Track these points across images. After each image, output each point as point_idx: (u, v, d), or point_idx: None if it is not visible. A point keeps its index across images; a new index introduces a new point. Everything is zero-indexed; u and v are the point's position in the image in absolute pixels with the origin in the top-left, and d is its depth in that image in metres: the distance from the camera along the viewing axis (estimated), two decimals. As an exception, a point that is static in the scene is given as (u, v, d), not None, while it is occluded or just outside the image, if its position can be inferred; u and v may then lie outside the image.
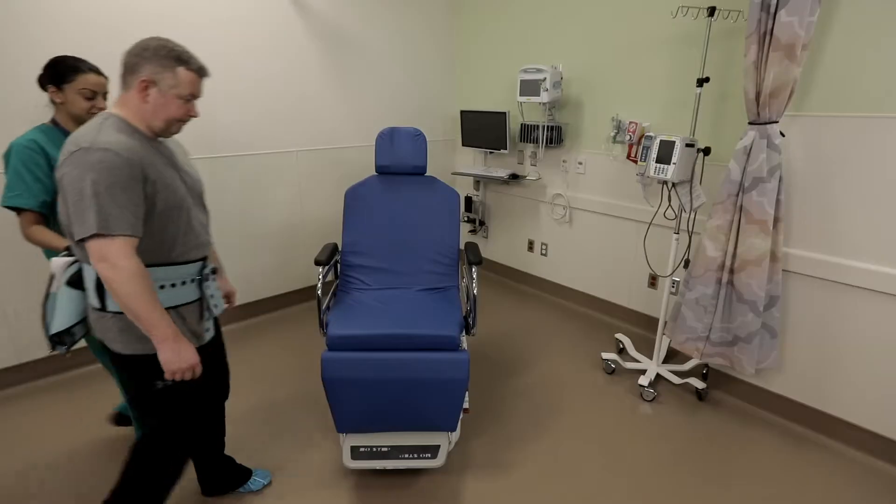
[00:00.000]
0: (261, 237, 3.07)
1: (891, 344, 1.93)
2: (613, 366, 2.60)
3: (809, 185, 2.04)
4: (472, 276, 2.02)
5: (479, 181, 3.83)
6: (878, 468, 1.97)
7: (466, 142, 3.68)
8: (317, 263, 2.03)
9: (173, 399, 1.35)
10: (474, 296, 1.98)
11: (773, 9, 1.80)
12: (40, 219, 1.56)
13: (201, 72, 1.28)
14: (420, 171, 2.35)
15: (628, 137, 2.70)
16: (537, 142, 3.15)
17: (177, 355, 1.23)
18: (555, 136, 3.10)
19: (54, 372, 2.51)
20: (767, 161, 1.94)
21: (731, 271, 2.11)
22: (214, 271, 1.43)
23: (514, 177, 3.40)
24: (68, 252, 1.31)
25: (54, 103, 1.62)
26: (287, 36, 2.92)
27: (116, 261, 1.12)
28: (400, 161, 2.31)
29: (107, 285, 1.15)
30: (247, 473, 1.81)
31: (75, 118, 1.62)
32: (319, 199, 3.28)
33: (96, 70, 1.65)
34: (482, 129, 3.50)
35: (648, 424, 2.21)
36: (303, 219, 3.24)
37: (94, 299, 1.25)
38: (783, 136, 1.97)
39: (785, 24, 1.78)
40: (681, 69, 2.50)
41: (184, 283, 1.32)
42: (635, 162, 2.69)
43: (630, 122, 2.69)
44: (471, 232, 4.01)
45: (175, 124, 1.29)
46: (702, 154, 2.20)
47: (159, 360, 1.23)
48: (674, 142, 2.14)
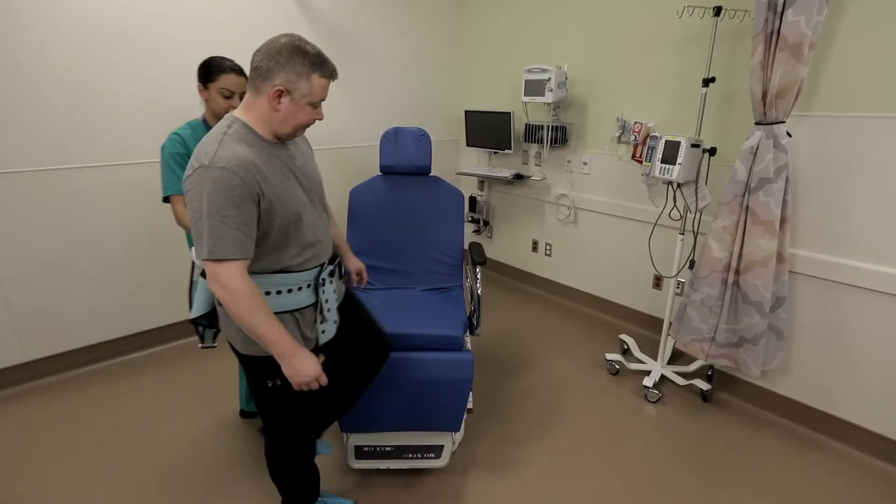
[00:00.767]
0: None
1: (898, 346, 1.91)
2: (618, 367, 2.60)
3: (816, 186, 2.02)
4: (476, 277, 2.02)
5: (483, 181, 3.82)
6: (884, 471, 1.96)
7: (471, 142, 3.68)
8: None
9: (286, 398, 1.35)
10: (478, 296, 1.98)
11: (780, 8, 1.79)
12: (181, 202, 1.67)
13: (333, 75, 1.24)
14: (424, 172, 2.35)
15: (633, 138, 2.69)
16: (542, 142, 3.14)
17: (296, 370, 1.23)
18: (559, 137, 3.09)
19: (66, 369, 2.54)
20: (774, 161, 1.93)
21: (737, 272, 2.10)
22: (332, 273, 1.43)
23: (518, 177, 3.39)
24: None
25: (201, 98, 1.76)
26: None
27: (227, 284, 1.14)
28: (404, 161, 2.31)
29: (223, 304, 1.18)
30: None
31: (216, 115, 1.73)
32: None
33: (238, 70, 1.74)
34: (486, 130, 3.50)
35: (653, 426, 2.21)
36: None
37: (215, 298, 1.31)
38: (790, 136, 1.96)
39: (792, 23, 1.77)
40: (686, 69, 2.49)
41: (300, 288, 1.33)
42: (640, 162, 2.68)
43: (635, 123, 2.68)
44: (475, 232, 4.01)
45: (301, 129, 1.29)
46: (707, 154, 2.19)
47: (284, 374, 1.25)
48: (679, 142, 2.13)
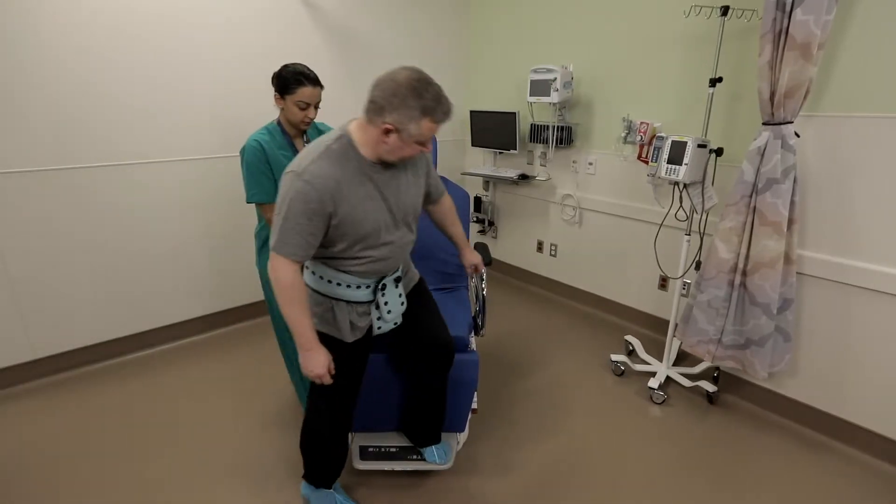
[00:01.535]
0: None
1: (908, 348, 1.89)
2: (623, 368, 2.58)
3: (825, 187, 2.01)
4: (481, 277, 2.01)
5: (488, 181, 3.82)
6: (892, 474, 1.94)
7: (476, 142, 3.67)
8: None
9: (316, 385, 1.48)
10: (483, 297, 1.97)
11: (788, 7, 1.78)
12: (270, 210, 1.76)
13: (445, 118, 1.30)
14: (429, 172, 2.34)
15: (639, 138, 2.68)
16: (547, 142, 3.13)
17: (306, 363, 1.38)
18: (565, 137, 3.08)
19: (70, 367, 2.55)
20: (782, 162, 1.91)
21: (744, 273, 2.09)
22: (398, 280, 1.54)
23: (523, 177, 3.38)
24: None
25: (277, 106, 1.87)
26: (298, 36, 2.93)
27: (277, 274, 1.31)
28: (409, 161, 2.30)
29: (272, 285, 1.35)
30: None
31: (291, 123, 1.87)
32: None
33: (314, 81, 1.84)
34: (492, 130, 3.50)
35: (658, 427, 2.20)
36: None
37: None
38: (798, 136, 1.94)
39: (800, 22, 1.75)
40: (693, 69, 2.48)
41: (357, 287, 1.46)
42: (646, 163, 2.67)
43: (641, 123, 2.67)
44: (480, 232, 4.00)
45: (407, 160, 1.39)
46: (714, 155, 2.18)
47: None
48: (686, 142, 2.12)
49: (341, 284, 1.44)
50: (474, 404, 2.00)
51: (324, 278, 1.44)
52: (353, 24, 3.14)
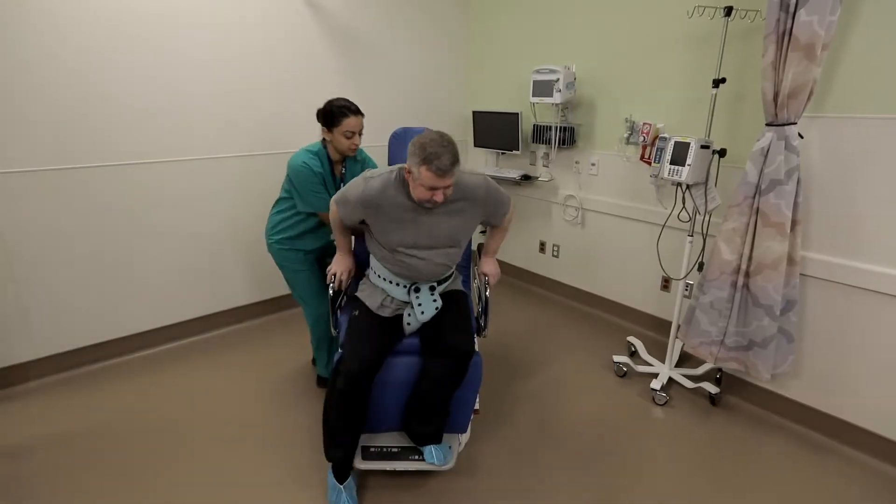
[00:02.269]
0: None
1: (912, 350, 1.89)
2: (625, 369, 2.58)
3: (828, 188, 2.00)
4: (483, 278, 2.01)
5: (490, 182, 3.81)
6: (895, 477, 1.93)
7: (478, 142, 3.67)
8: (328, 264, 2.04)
9: (357, 325, 1.77)
10: (486, 297, 1.97)
11: (792, 8, 1.77)
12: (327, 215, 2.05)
13: (440, 172, 1.54)
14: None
15: (642, 139, 2.68)
16: (550, 143, 3.13)
17: (335, 262, 1.93)
18: (567, 137, 3.08)
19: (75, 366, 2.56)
20: (785, 163, 1.90)
21: (747, 275, 2.08)
22: (433, 289, 1.81)
23: (526, 178, 3.38)
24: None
25: (324, 138, 2.10)
26: (301, 37, 2.94)
27: (333, 215, 1.85)
28: (412, 161, 2.31)
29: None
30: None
31: (338, 151, 2.10)
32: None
33: (357, 112, 2.06)
34: (494, 130, 3.49)
35: (660, 429, 2.19)
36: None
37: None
38: (802, 137, 1.93)
39: (804, 23, 1.75)
40: (696, 70, 2.48)
41: (396, 284, 1.81)
42: (649, 163, 2.67)
43: (644, 124, 2.66)
44: (482, 233, 3.99)
45: (425, 203, 1.63)
46: (717, 156, 2.18)
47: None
48: (689, 143, 2.12)
49: (384, 279, 1.84)
50: (476, 405, 2.00)
51: (375, 272, 1.88)
52: (355, 24, 3.14)
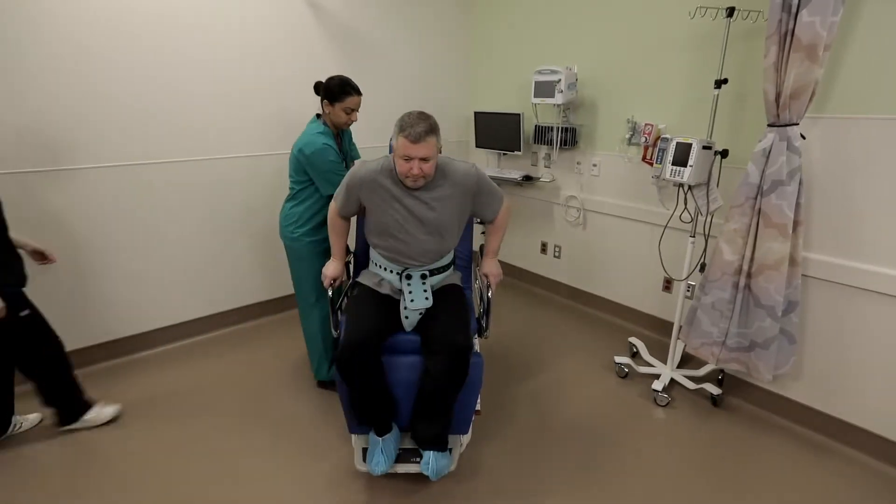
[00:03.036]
0: (275, 236, 3.10)
1: (914, 352, 1.88)
2: (627, 370, 2.58)
3: (830, 189, 2.00)
4: (485, 279, 2.01)
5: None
6: (899, 479, 1.93)
7: (480, 143, 3.67)
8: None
9: (354, 306, 1.85)
10: (487, 298, 1.97)
11: (794, 9, 1.77)
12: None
13: (413, 138, 1.61)
14: (433, 173, 2.35)
15: (644, 139, 2.67)
16: (551, 143, 3.13)
17: (327, 266, 1.98)
18: (569, 138, 3.08)
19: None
20: (787, 164, 1.90)
21: (749, 275, 2.08)
22: (424, 277, 1.84)
23: (527, 178, 3.38)
24: None
25: (323, 111, 2.17)
26: (301, 37, 2.94)
27: (330, 212, 1.96)
28: (413, 162, 2.31)
29: None
30: None
31: (335, 125, 2.18)
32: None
33: (358, 91, 2.15)
34: (496, 131, 3.49)
35: (661, 430, 2.19)
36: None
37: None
38: (804, 138, 1.93)
39: (806, 24, 1.75)
40: (698, 70, 2.47)
41: (389, 270, 1.88)
42: (651, 164, 2.66)
43: (646, 124, 2.66)
44: (484, 234, 3.99)
45: (407, 179, 1.69)
46: (719, 156, 2.17)
47: None
48: (690, 144, 2.11)
49: (379, 266, 1.92)
50: (478, 406, 2.00)
51: (372, 260, 1.97)
52: (357, 24, 3.14)
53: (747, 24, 2.14)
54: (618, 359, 2.61)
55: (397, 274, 1.86)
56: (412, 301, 1.79)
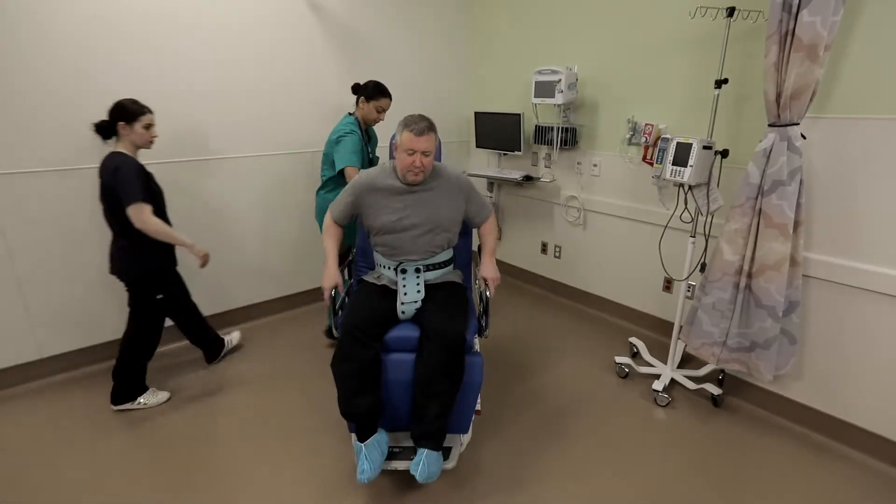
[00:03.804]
0: (278, 236, 3.10)
1: (915, 352, 1.88)
2: (627, 370, 2.58)
3: (831, 189, 2.00)
4: (483, 282, 2.01)
5: (492, 183, 3.82)
6: (900, 479, 1.93)
7: (480, 143, 3.67)
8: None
9: (353, 299, 1.95)
10: (487, 298, 1.97)
11: (794, 9, 1.77)
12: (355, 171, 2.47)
13: (416, 131, 1.77)
14: (434, 173, 2.36)
15: (644, 139, 2.68)
16: (552, 143, 3.13)
17: (324, 277, 1.92)
18: (569, 138, 3.08)
19: (74, 367, 2.57)
20: (788, 164, 1.90)
21: (749, 276, 2.08)
22: (418, 270, 1.94)
23: (528, 179, 3.38)
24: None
25: (357, 106, 2.58)
26: (302, 37, 2.94)
27: (326, 221, 2.05)
28: (414, 162, 2.32)
29: None
30: None
31: (365, 120, 2.59)
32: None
33: (390, 96, 2.57)
34: (496, 131, 3.50)
35: (662, 430, 2.19)
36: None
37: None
38: (804, 138, 1.93)
39: (807, 24, 1.75)
40: (698, 70, 2.47)
41: (383, 266, 2.00)
42: (651, 164, 2.67)
43: (646, 124, 2.66)
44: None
45: (408, 174, 1.85)
46: (719, 156, 2.17)
47: None
48: (691, 144, 2.11)
49: (379, 264, 2.02)
50: (478, 406, 2.00)
51: (376, 261, 2.05)
52: (357, 24, 3.15)
53: (747, 24, 2.14)
54: (618, 359, 2.61)
55: (393, 269, 1.95)
56: (405, 294, 1.90)
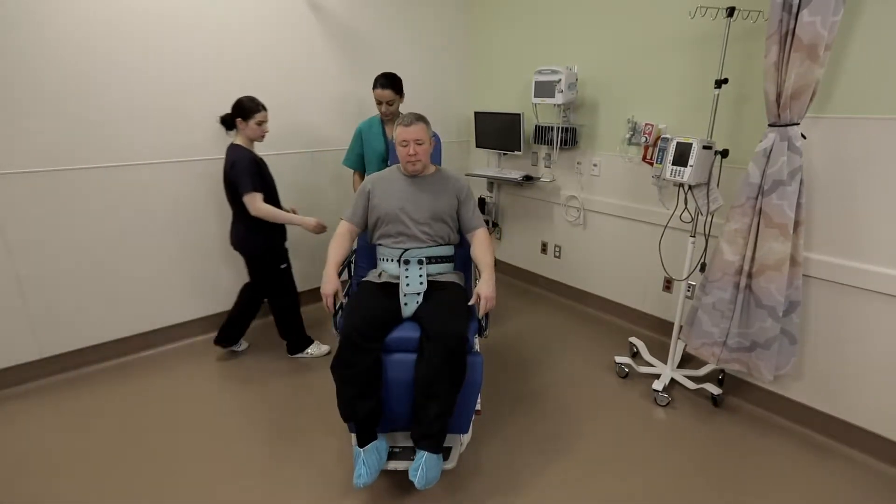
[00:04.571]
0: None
1: (915, 352, 1.88)
2: (627, 370, 2.58)
3: (831, 189, 2.00)
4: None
5: (492, 183, 3.82)
6: (900, 479, 1.93)
7: (480, 143, 3.67)
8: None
9: (351, 302, 1.98)
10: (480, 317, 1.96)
11: (794, 9, 1.77)
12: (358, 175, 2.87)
13: (405, 122, 1.96)
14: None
15: (644, 139, 2.67)
16: (552, 143, 3.13)
17: (323, 282, 1.91)
18: (569, 138, 3.08)
19: (75, 367, 2.57)
20: (788, 164, 1.90)
21: (749, 276, 2.08)
22: (420, 262, 1.99)
23: (527, 178, 3.38)
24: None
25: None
26: (302, 38, 2.94)
27: (338, 227, 2.10)
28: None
29: None
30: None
31: (381, 116, 2.73)
32: (335, 200, 3.30)
33: (383, 85, 2.59)
34: (496, 131, 3.50)
35: (662, 430, 2.19)
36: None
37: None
38: (805, 138, 1.93)
39: (807, 24, 1.75)
40: (698, 70, 2.47)
41: (386, 259, 2.05)
42: (651, 164, 2.66)
43: (646, 124, 2.66)
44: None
45: (407, 164, 2.02)
46: (719, 156, 2.17)
47: None
48: (691, 144, 2.11)
49: (382, 259, 2.07)
50: (478, 406, 2.00)
51: (378, 256, 2.10)
52: (357, 24, 3.15)
53: (747, 24, 2.14)
54: (618, 359, 2.61)
55: (396, 261, 1.99)
56: (408, 285, 1.93)
